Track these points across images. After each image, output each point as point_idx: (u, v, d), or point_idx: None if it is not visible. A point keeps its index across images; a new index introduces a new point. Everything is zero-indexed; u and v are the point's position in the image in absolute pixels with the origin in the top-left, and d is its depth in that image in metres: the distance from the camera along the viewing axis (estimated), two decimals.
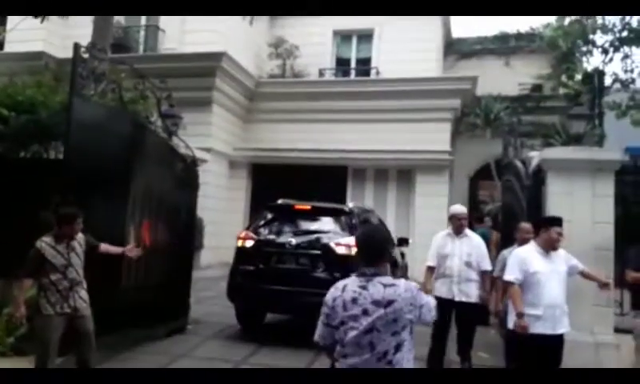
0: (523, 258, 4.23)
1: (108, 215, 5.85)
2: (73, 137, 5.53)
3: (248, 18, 9.05)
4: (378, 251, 2.40)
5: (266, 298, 6.37)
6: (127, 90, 6.82)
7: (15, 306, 4.29)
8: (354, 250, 5.74)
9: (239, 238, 6.74)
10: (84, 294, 4.48)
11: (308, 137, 11.31)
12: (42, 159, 6.99)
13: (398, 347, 2.24)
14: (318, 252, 6.21)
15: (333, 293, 2.38)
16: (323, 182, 10.79)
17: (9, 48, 11.32)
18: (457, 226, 5.35)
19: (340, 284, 2.40)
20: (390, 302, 2.23)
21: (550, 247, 4.23)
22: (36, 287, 4.38)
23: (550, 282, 4.16)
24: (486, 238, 8.27)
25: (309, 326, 6.38)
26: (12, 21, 10.93)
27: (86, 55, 5.95)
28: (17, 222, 5.82)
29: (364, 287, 2.29)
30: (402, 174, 11.55)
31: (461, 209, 5.49)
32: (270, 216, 6.78)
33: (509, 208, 6.85)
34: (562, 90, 12.31)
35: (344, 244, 6.16)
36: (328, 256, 6.15)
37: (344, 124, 11.36)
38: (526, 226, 5.11)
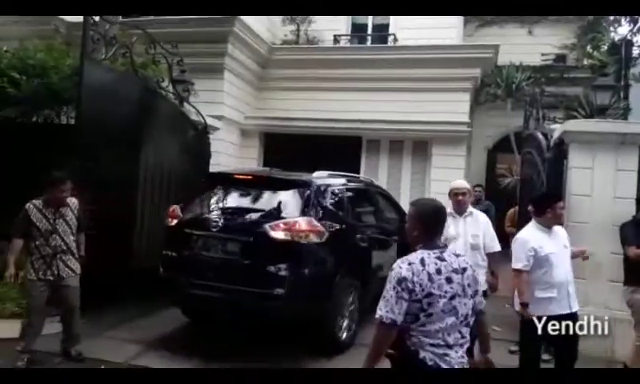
0: (529, 241, 4.04)
1: (119, 179, 5.84)
2: (84, 101, 5.49)
3: None
4: (444, 224, 2.62)
5: (186, 293, 5.07)
6: (138, 54, 6.73)
7: (6, 266, 4.28)
8: (302, 236, 4.72)
9: (166, 216, 5.52)
10: (72, 263, 4.43)
11: (321, 106, 11.09)
12: (54, 124, 6.97)
13: (472, 311, 2.49)
14: (249, 238, 4.80)
15: (411, 268, 2.39)
16: (336, 153, 10.61)
17: None
18: (456, 202, 4.67)
19: (414, 259, 2.43)
20: (464, 269, 2.49)
21: (556, 223, 4.12)
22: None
23: (561, 261, 4.05)
24: (490, 214, 8.02)
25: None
26: None
27: (96, 18, 5.85)
28: (30, 186, 5.84)
29: (440, 258, 2.45)
30: (417, 145, 11.31)
31: (460, 183, 4.84)
32: (208, 188, 5.54)
33: (528, 181, 6.67)
34: (586, 61, 11.93)
35: (283, 227, 4.72)
36: (261, 242, 4.73)
37: (359, 93, 11.10)
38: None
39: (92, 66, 5.65)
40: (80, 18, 5.73)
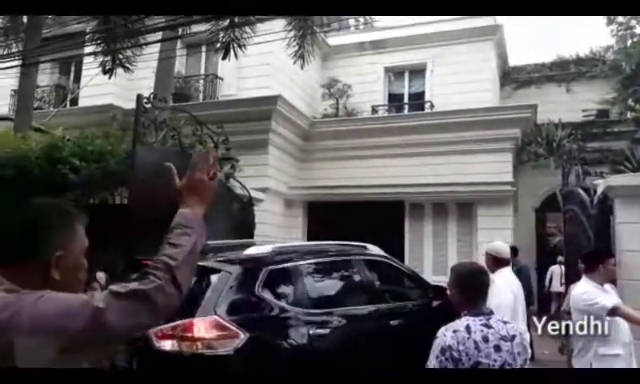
0: (599, 292, 3.84)
1: None
2: (136, 182, 5.87)
3: (299, 61, 9.32)
4: (486, 288, 2.49)
5: None
6: (186, 136, 7.17)
7: None
8: (199, 344, 3.50)
9: None
10: None
11: (363, 173, 11.32)
12: (108, 205, 7.41)
13: None
14: (135, 349, 3.50)
15: (456, 336, 2.29)
16: (380, 218, 10.69)
17: (82, 103, 12.23)
18: None
19: (459, 326, 2.34)
20: (513, 336, 2.36)
21: (608, 280, 3.98)
22: None
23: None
24: (525, 275, 7.68)
25: None
26: (85, 78, 11.85)
27: (147, 105, 6.35)
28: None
29: (487, 325, 2.35)
30: (462, 207, 11.23)
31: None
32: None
33: (573, 239, 6.50)
34: (629, 115, 11.75)
35: (171, 333, 3.45)
36: (146, 355, 3.51)
37: (399, 159, 11.28)
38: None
39: (143, 149, 6.06)
40: (134, 106, 6.22)
